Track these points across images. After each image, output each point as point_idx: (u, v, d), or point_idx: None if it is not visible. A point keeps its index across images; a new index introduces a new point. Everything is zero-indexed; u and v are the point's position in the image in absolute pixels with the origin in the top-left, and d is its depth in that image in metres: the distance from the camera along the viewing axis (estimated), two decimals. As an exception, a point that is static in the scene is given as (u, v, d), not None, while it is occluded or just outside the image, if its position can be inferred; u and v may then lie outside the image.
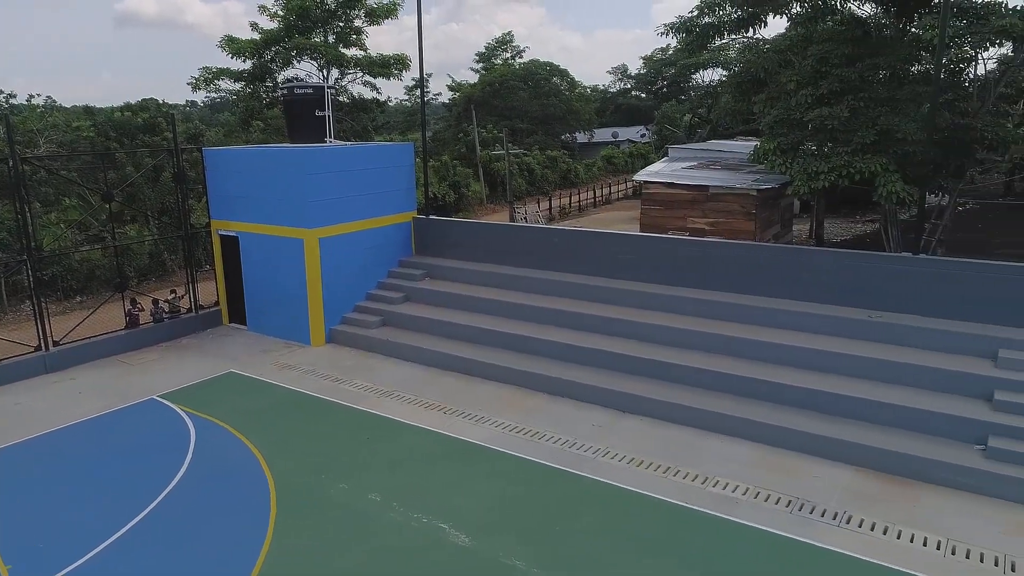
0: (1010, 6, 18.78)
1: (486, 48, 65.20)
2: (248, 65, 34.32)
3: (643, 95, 78.13)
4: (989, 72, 22.05)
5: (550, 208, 40.77)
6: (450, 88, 59.89)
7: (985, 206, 35.23)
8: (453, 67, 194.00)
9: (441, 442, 11.16)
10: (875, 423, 10.40)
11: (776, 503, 9.12)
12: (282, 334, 16.36)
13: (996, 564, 7.79)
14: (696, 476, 9.84)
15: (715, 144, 32.61)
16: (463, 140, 47.71)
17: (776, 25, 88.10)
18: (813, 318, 12.43)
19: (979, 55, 20.80)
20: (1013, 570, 7.69)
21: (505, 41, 64.34)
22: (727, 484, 9.60)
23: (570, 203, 42.85)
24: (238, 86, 36.02)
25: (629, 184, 49.35)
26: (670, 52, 63.72)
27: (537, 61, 62.19)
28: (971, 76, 21.92)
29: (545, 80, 59.71)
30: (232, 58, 33.53)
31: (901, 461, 9.71)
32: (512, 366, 13.39)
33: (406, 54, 36.26)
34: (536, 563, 8.05)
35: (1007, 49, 21.21)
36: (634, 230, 24.15)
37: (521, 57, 64.19)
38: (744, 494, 9.35)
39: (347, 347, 15.70)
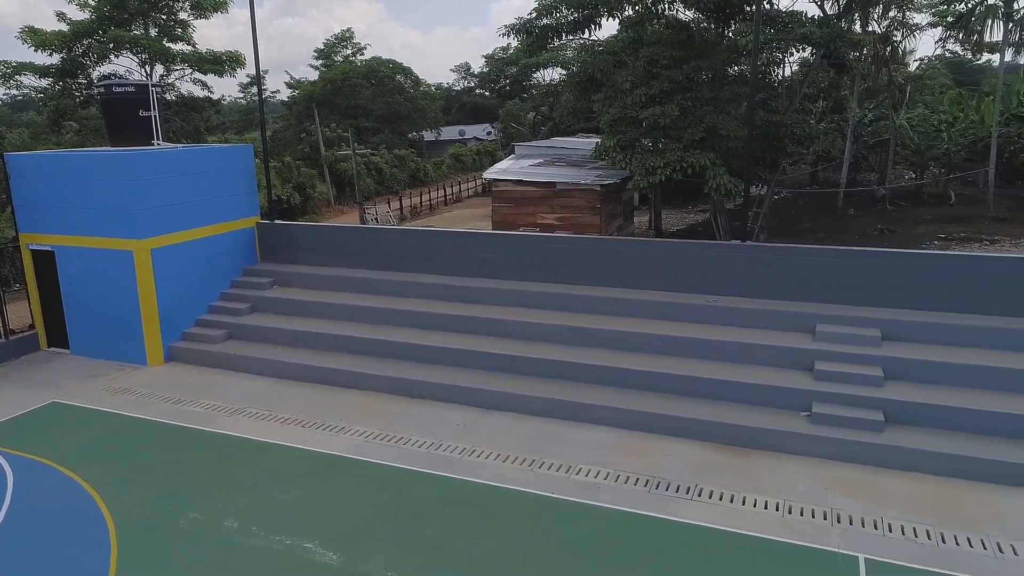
0: (809, 15, 20.89)
1: (325, 45, 63.17)
2: (56, 59, 30.95)
3: (487, 93, 79.20)
4: (794, 74, 24.52)
5: (401, 208, 40.32)
6: (289, 86, 57.53)
7: (796, 194, 39.11)
8: (291, 64, 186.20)
9: (301, 457, 10.69)
10: (717, 400, 11.23)
11: (635, 484, 9.60)
12: (113, 355, 14.93)
13: (825, 518, 8.68)
14: (560, 466, 10.14)
15: (559, 141, 33.71)
16: (306, 140, 46.00)
17: (610, 27, 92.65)
18: (658, 305, 13.20)
19: (785, 59, 23.06)
20: (839, 521, 8.60)
21: (345, 38, 62.68)
22: (589, 471, 9.97)
23: (421, 202, 42.64)
24: (45, 83, 32.41)
25: (479, 181, 49.88)
26: (511, 51, 65.10)
27: (379, 58, 61.17)
28: (779, 78, 24.24)
29: (389, 78, 58.86)
30: (36, 51, 30.12)
31: (741, 433, 10.56)
32: (371, 372, 13.10)
33: (239, 51, 34.34)
34: (410, 571, 7.94)
35: (807, 53, 23.66)
36: (486, 227, 24.45)
37: (363, 54, 62.85)
38: (606, 479, 9.76)
39: (190, 365, 14.62)
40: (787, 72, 24.62)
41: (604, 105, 22.70)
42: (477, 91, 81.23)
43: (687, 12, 22.34)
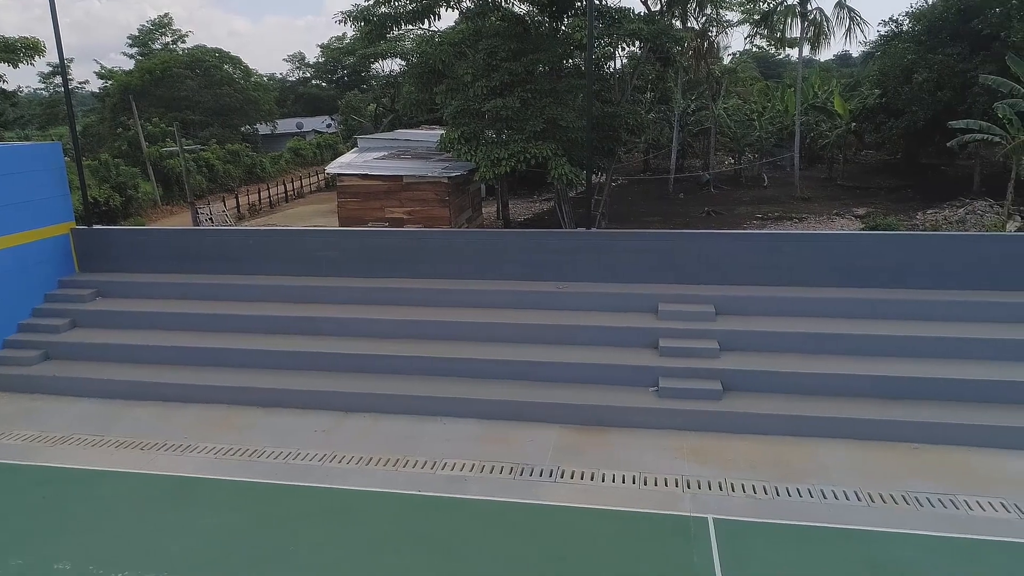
0: (636, 12, 22.07)
1: (140, 31, 58.15)
2: None
3: (324, 84, 76.57)
4: (624, 68, 25.85)
5: (238, 206, 38.07)
6: (100, 75, 52.38)
7: (631, 180, 41.36)
8: (100, 51, 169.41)
9: (142, 484, 9.82)
10: (572, 383, 11.64)
11: (501, 472, 9.74)
12: (-102, 390, 12.90)
13: (676, 485, 9.29)
14: (425, 463, 10.07)
15: (403, 133, 33.32)
16: (124, 135, 42.09)
17: (449, 18, 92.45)
18: (511, 294, 13.44)
19: (616, 53, 24.23)
20: (689, 487, 9.24)
21: (163, 24, 58.03)
22: (455, 464, 9.98)
23: (260, 199, 40.51)
24: None
25: (321, 176, 48.20)
26: (347, 41, 63.26)
27: (204, 47, 57.23)
28: (611, 71, 25.46)
29: (215, 68, 55.15)
30: None
31: (595, 412, 11.02)
32: (217, 383, 12.27)
33: (37, 38, 30.70)
34: (273, 591, 7.56)
35: (636, 48, 25.02)
36: (333, 224, 23.69)
37: (184, 42, 58.52)
38: (472, 471, 9.82)
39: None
40: (618, 65, 25.92)
41: (447, 97, 22.73)
42: (313, 82, 78.30)
43: (521, 6, 22.82)
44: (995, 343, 11.15)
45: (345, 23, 23.28)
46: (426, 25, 23.76)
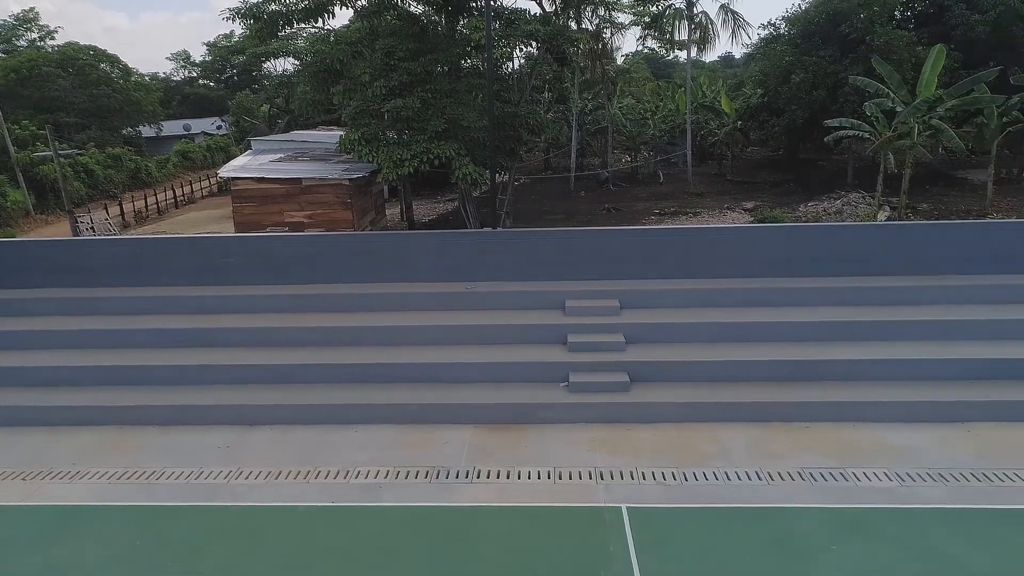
0: (533, 13, 22.35)
1: (2, 27, 53.60)
2: None
3: (212, 84, 73.26)
4: (522, 68, 26.13)
5: (122, 214, 35.79)
6: (-45, 75, 47.84)
7: (533, 179, 41.89)
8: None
9: (27, 516, 9.09)
10: (485, 382, 11.68)
11: (416, 477, 9.65)
12: None
13: (590, 477, 9.50)
14: (338, 473, 9.84)
15: (299, 135, 32.37)
16: (-13, 140, 38.64)
17: (344, 16, 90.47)
18: (420, 296, 13.33)
19: (514, 54, 24.47)
20: (602, 478, 9.48)
21: (28, 19, 53.77)
22: (369, 472, 9.81)
23: (147, 206, 38.24)
24: None
25: (213, 180, 46.09)
26: (236, 39, 60.76)
27: (76, 44, 53.43)
28: (510, 71, 25.69)
29: (91, 67, 51.63)
30: None
31: (508, 411, 11.11)
32: (108, 404, 11.51)
33: None
34: (180, 619, 7.18)
35: (533, 48, 25.35)
36: (228, 230, 22.72)
37: (54, 39, 54.46)
38: (386, 477, 9.68)
39: None
40: (516, 66, 26.19)
41: (345, 97, 22.25)
42: (201, 82, 74.79)
43: (417, 6, 22.64)
44: (870, 325, 12.04)
45: (233, 20, 22.26)
46: (320, 23, 23.15)
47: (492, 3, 20.85)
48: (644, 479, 9.44)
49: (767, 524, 8.46)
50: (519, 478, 9.55)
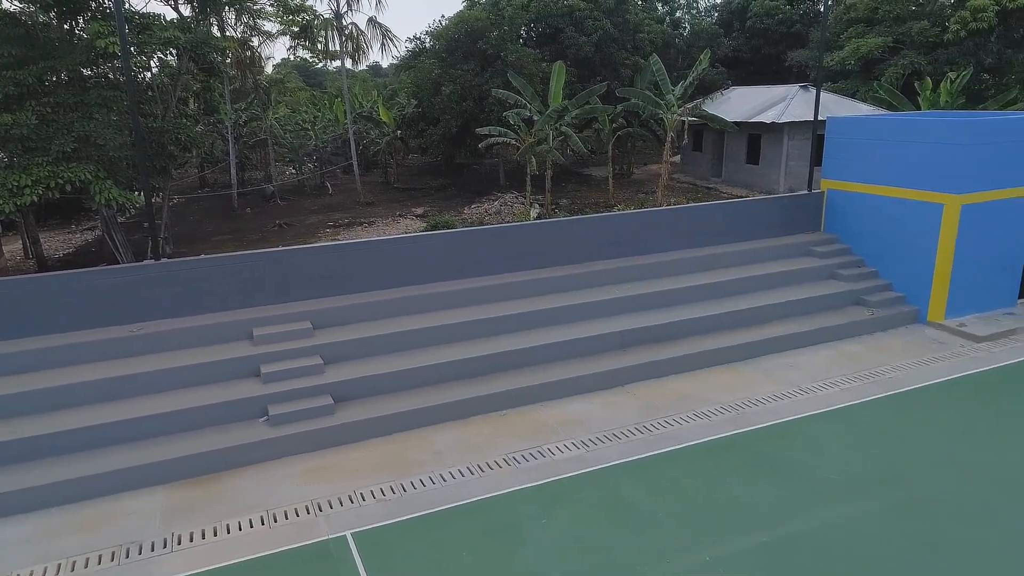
0: (170, 19, 20.35)
1: None
2: None
3: None
4: (163, 77, 23.63)
5: None
6: None
7: (189, 199, 38.35)
8: None
9: None
10: (170, 435, 10.37)
11: (100, 562, 8.20)
12: None
13: (308, 512, 9.07)
14: (-12, 584, 7.93)
15: None
16: None
17: None
18: (70, 350, 11.30)
19: (152, 63, 22.06)
20: (320, 509, 9.12)
21: None
22: (41, 572, 8.05)
23: None
24: None
25: None
26: None
27: None
28: (149, 81, 23.10)
29: None
30: None
31: (205, 460, 10.05)
32: None
33: None
34: None
35: (170, 57, 23.12)
36: None
37: None
38: (59, 573, 8.05)
39: None
40: (154, 76, 23.60)
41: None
42: None
43: (15, 3, 19.13)
44: (544, 313, 13.48)
45: None
46: None
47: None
48: (364, 500, 9.33)
49: (483, 515, 9.00)
50: (229, 532, 8.72)
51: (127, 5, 20.02)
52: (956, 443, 10.48)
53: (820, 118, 18.34)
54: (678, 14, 53.57)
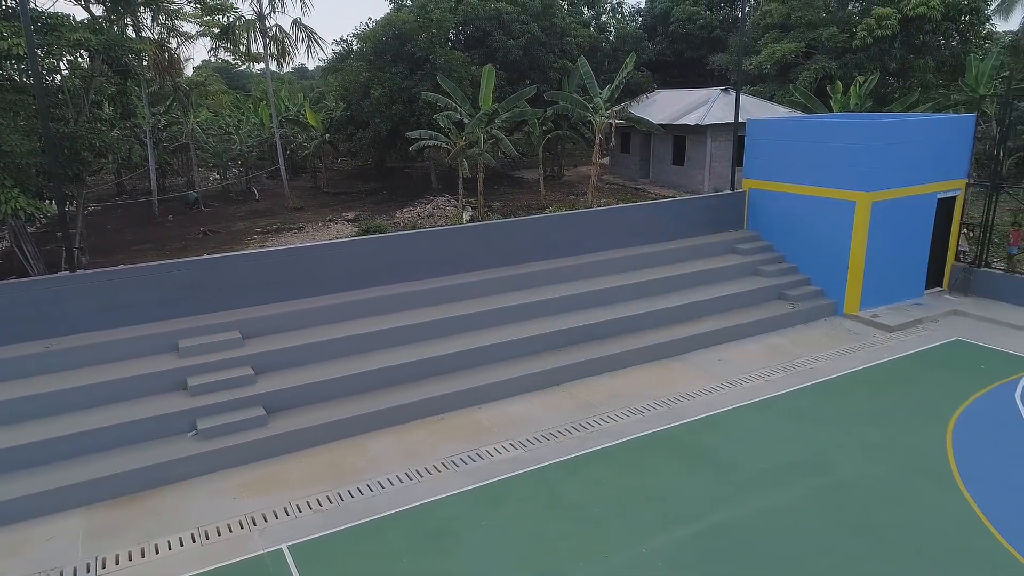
0: (81, 19, 19.42)
1: None
2: None
3: None
4: (74, 79, 22.51)
5: None
6: None
7: (107, 207, 36.65)
8: None
9: None
10: (91, 453, 9.92)
11: (16, 592, 7.80)
12: None
13: (242, 527, 8.83)
14: None
15: None
16: None
17: None
18: (-20, 369, 10.68)
19: (61, 65, 21.02)
20: (255, 523, 8.89)
21: None
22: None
23: None
24: None
25: None
26: None
27: None
28: (59, 84, 21.99)
29: None
30: None
31: (129, 479, 9.65)
32: None
33: None
34: None
35: (81, 58, 22.06)
36: None
37: None
38: (-30, 606, 7.61)
39: None
40: (65, 78, 22.47)
41: None
42: None
43: None
44: (481, 315, 13.51)
45: None
46: None
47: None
48: (300, 511, 9.15)
49: (424, 520, 8.96)
50: (157, 553, 8.40)
51: (33, 4, 18.97)
52: (873, 428, 11.06)
53: (740, 120, 19.04)
54: (603, 18, 54.52)
